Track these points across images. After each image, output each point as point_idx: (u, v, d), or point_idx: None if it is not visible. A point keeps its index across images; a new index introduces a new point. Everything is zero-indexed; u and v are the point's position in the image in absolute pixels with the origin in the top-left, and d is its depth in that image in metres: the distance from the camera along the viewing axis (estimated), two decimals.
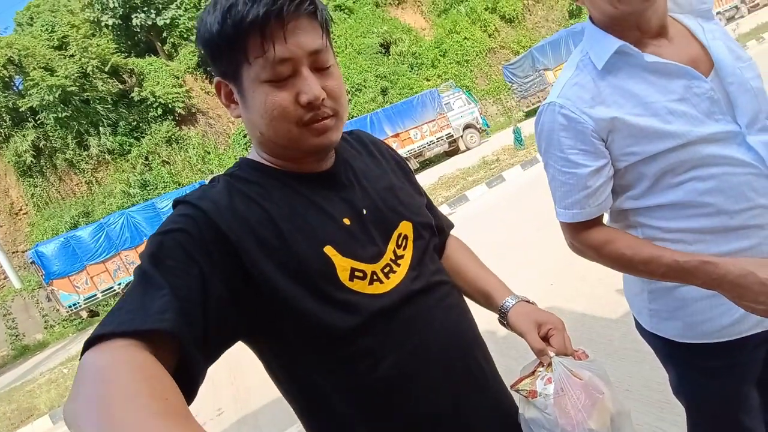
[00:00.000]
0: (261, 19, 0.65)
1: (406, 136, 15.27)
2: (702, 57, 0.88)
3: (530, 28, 23.58)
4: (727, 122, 0.85)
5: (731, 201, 0.85)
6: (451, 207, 7.87)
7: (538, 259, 4.09)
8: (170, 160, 18.65)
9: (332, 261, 0.71)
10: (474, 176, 9.24)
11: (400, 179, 0.89)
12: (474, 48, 22.21)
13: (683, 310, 0.95)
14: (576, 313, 2.99)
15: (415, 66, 22.21)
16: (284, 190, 0.74)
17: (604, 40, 0.88)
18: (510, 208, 6.40)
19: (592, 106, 0.88)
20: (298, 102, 0.69)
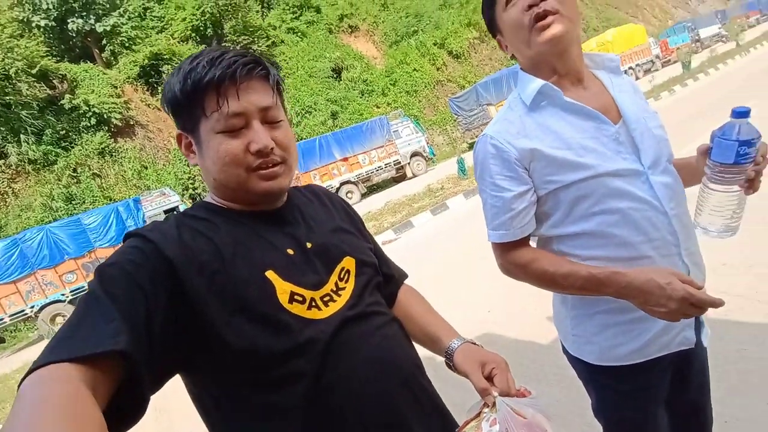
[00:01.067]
0: (217, 80, 0.75)
1: (355, 161, 15.39)
2: (612, 106, 1.00)
3: (475, 64, 24.91)
4: (632, 161, 0.96)
5: (635, 234, 0.95)
6: (396, 233, 7.96)
7: (477, 286, 4.21)
8: (102, 174, 17.43)
9: (273, 284, 0.75)
10: (419, 203, 9.43)
11: (347, 225, 0.95)
12: (423, 79, 23.06)
13: (600, 335, 1.02)
14: (509, 340, 3.09)
15: (366, 93, 22.64)
16: (231, 224, 0.80)
17: (529, 81, 1.01)
18: (453, 236, 6.57)
19: (517, 138, 0.98)
20: (249, 150, 0.77)
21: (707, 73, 14.67)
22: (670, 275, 0.86)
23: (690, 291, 0.83)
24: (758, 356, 2.09)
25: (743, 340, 2.23)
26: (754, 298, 2.51)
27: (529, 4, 0.92)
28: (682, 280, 0.85)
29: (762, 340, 2.18)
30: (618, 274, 0.90)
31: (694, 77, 14.34)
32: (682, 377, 1.08)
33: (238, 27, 21.02)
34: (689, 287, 0.84)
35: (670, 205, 0.96)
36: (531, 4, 0.92)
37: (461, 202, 8.53)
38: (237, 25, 20.97)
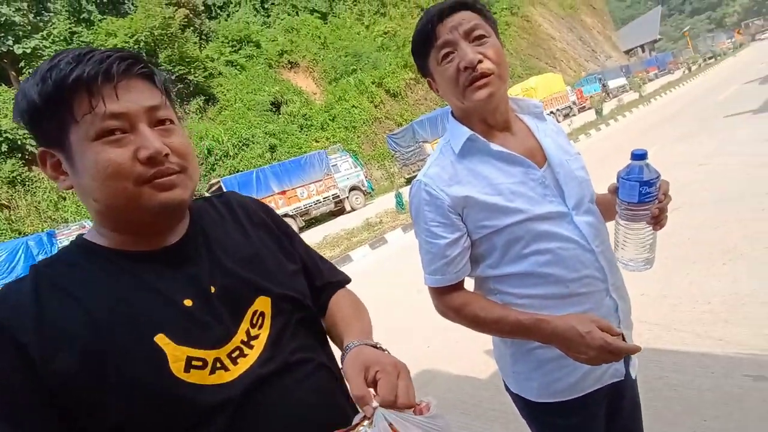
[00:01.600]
0: (87, 77, 0.61)
1: (293, 194, 15.14)
2: (538, 150, 1.05)
3: (411, 103, 25.92)
4: (558, 204, 1.00)
5: (566, 272, 0.98)
6: None
7: (416, 321, 4.17)
8: (11, 205, 15.72)
9: (163, 351, 0.61)
10: (358, 237, 9.39)
11: (268, 246, 0.82)
12: (361, 116, 23.56)
13: (538, 371, 1.04)
14: (450, 375, 3.06)
15: (305, 127, 22.67)
16: (111, 274, 0.65)
17: (458, 129, 1.03)
18: (391, 270, 6.56)
19: (450, 185, 1.00)
20: (138, 159, 0.62)
21: (617, 119, 16.31)
22: (590, 323, 0.88)
23: (607, 340, 0.86)
24: (679, 383, 2.21)
25: (664, 367, 2.36)
26: (671, 327, 2.69)
27: (466, 66, 0.94)
28: (601, 327, 0.88)
29: (681, 368, 2.32)
30: (543, 321, 0.93)
31: (606, 122, 15.87)
32: (616, 408, 1.11)
33: (174, 57, 20.42)
34: (607, 336, 0.86)
35: (595, 243, 1.01)
36: (468, 66, 0.94)
37: (399, 236, 8.60)
38: (173, 55, 20.36)
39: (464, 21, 0.96)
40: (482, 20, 0.99)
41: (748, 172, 5.01)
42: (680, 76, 30.27)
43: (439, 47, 0.97)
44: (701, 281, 3.09)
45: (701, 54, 41.74)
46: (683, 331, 2.61)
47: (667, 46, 78.13)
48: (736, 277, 2.97)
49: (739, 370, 2.14)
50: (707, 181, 5.18)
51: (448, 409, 2.67)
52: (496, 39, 0.99)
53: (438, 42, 0.97)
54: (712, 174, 5.43)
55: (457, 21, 0.96)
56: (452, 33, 0.96)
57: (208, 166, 19.58)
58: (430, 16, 0.98)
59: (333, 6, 29.17)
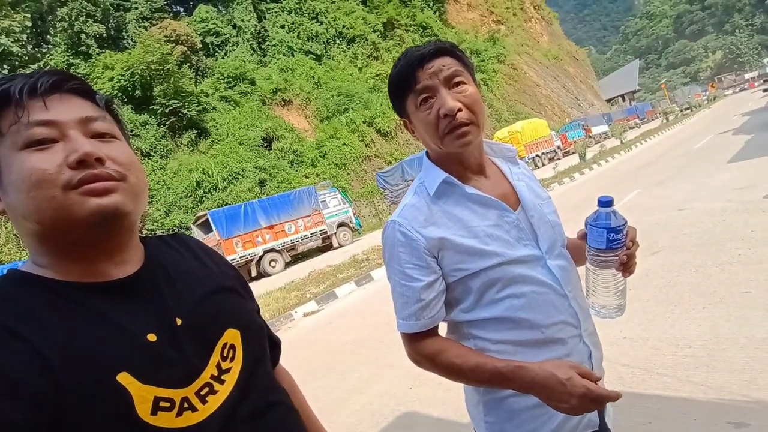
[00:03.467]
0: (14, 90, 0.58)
1: (281, 228, 15.08)
2: (511, 193, 1.05)
3: (402, 143, 26.47)
4: (532, 247, 0.99)
5: (541, 317, 0.96)
6: (319, 304, 7.69)
7: (400, 360, 4.08)
8: None
9: (128, 392, 0.55)
10: (344, 273, 9.30)
11: (230, 282, 0.79)
12: (352, 154, 23.92)
13: (512, 422, 0.99)
14: (431, 418, 2.97)
15: (296, 163, 22.90)
16: (60, 308, 0.58)
17: (433, 171, 1.02)
18: (377, 308, 6.47)
19: (425, 226, 0.98)
20: (67, 164, 0.58)
21: (600, 164, 16.81)
22: (570, 369, 0.86)
23: (589, 387, 0.83)
24: (662, 429, 2.18)
25: (647, 413, 2.33)
26: (653, 371, 2.68)
27: (446, 113, 0.94)
28: (581, 374, 0.85)
29: (664, 414, 2.29)
30: (522, 369, 0.89)
31: (589, 167, 16.33)
32: None
33: (169, 91, 20.76)
34: (589, 383, 0.84)
35: (568, 287, 1.00)
36: (447, 114, 0.94)
37: (385, 275, 8.54)
38: (168, 89, 20.70)
39: (444, 67, 0.96)
40: (461, 66, 0.99)
41: (724, 218, 5.16)
42: (659, 125, 31.55)
43: (418, 92, 0.97)
44: (682, 325, 3.10)
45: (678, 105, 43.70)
46: (666, 375, 2.59)
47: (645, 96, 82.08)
48: (716, 321, 2.99)
49: (721, 417, 2.13)
50: (686, 226, 5.30)
51: None
52: (473, 85, 1.00)
53: (417, 87, 0.97)
54: (690, 219, 5.57)
55: (437, 67, 0.96)
56: (432, 79, 0.96)
57: (196, 199, 19.52)
58: (411, 61, 0.97)
59: (328, 49, 30.20)
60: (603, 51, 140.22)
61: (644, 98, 75.81)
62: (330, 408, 3.64)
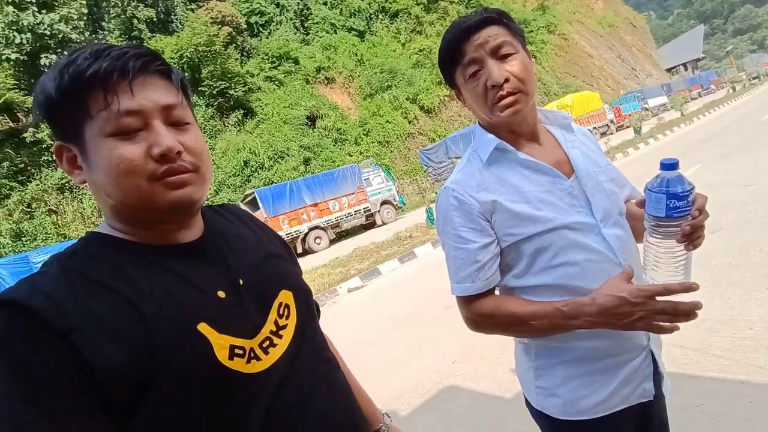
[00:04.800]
0: (102, 74, 0.61)
1: (325, 206, 15.39)
2: (565, 161, 1.04)
3: (445, 120, 26.00)
4: (586, 215, 0.98)
5: (595, 285, 0.93)
6: (363, 280, 7.86)
7: (442, 336, 4.14)
8: (59, 210, 16.67)
9: (207, 339, 0.62)
10: (387, 251, 9.42)
11: (278, 248, 0.86)
12: (395, 131, 23.78)
13: (563, 387, 1.00)
14: (474, 393, 3.02)
15: (339, 141, 23.07)
16: (141, 266, 0.65)
17: (486, 138, 1.03)
18: (419, 285, 6.54)
19: (478, 191, 0.99)
20: (150, 156, 0.63)
21: (656, 138, 15.81)
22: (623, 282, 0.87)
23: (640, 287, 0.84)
24: (716, 411, 2.11)
25: (701, 394, 2.26)
26: (709, 352, 2.57)
27: (493, 84, 0.94)
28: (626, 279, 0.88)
29: (719, 395, 2.22)
30: (583, 302, 0.89)
31: (645, 141, 15.41)
32: (643, 430, 1.06)
33: (216, 72, 21.32)
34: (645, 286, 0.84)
35: (624, 256, 0.97)
36: (495, 85, 0.94)
37: (429, 251, 8.58)
38: (215, 71, 21.26)
39: (491, 38, 0.95)
40: (509, 35, 0.97)
41: None
42: (724, 96, 29.11)
43: (466, 65, 0.98)
44: (742, 306, 2.94)
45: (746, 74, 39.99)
46: (723, 357, 2.49)
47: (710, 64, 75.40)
48: None
49: None
50: (751, 203, 4.94)
51: (472, 427, 2.63)
52: (523, 53, 0.99)
53: (464, 60, 0.97)
54: (756, 195, 5.19)
55: (483, 38, 0.95)
56: (478, 51, 0.95)
57: (243, 178, 20.18)
58: (457, 32, 0.98)
59: (370, 24, 29.81)
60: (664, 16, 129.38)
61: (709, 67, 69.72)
62: (374, 379, 3.77)
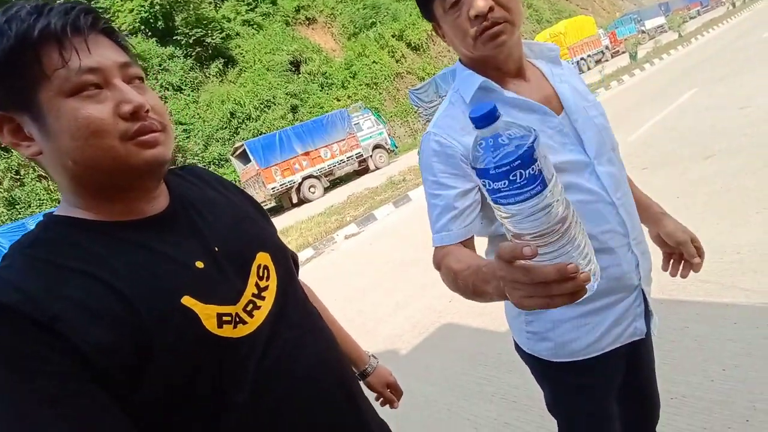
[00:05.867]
0: (55, 29, 0.56)
1: (317, 155, 15.20)
2: (554, 96, 0.98)
3: (434, 56, 25.05)
4: (578, 152, 0.94)
5: (592, 224, 0.92)
6: (359, 226, 7.92)
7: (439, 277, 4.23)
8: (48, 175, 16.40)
9: (194, 311, 0.62)
10: (381, 196, 9.42)
11: (249, 209, 0.85)
12: (382, 72, 22.98)
13: (554, 331, 1.00)
14: (470, 329, 3.13)
15: (326, 86, 22.36)
16: (111, 245, 0.61)
17: (469, 77, 0.96)
18: (415, 228, 6.59)
19: (462, 134, 0.92)
20: (119, 114, 0.59)
21: (652, 63, 15.34)
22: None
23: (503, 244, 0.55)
24: (701, 333, 2.20)
25: (686, 318, 2.34)
26: (696, 278, 2.64)
27: (476, 14, 0.86)
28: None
29: (703, 318, 2.30)
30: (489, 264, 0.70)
31: (640, 67, 14.96)
32: (633, 367, 1.09)
33: (191, 19, 20.21)
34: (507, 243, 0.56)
35: (617, 195, 0.95)
36: (478, 15, 0.86)
37: (423, 194, 8.57)
38: (189, 18, 20.15)
39: None
40: None
41: None
42: (724, 13, 27.93)
43: None
44: (732, 231, 2.99)
45: None
46: (709, 282, 2.56)
47: None
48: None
49: (763, 321, 2.11)
50: (747, 126, 4.88)
51: (469, 361, 2.75)
52: None
53: None
54: (752, 118, 5.11)
55: None
56: None
57: (231, 130, 19.75)
58: None
59: None
60: None
61: None
62: (375, 322, 3.90)
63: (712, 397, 1.83)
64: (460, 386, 2.57)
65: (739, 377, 1.86)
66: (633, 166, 5.09)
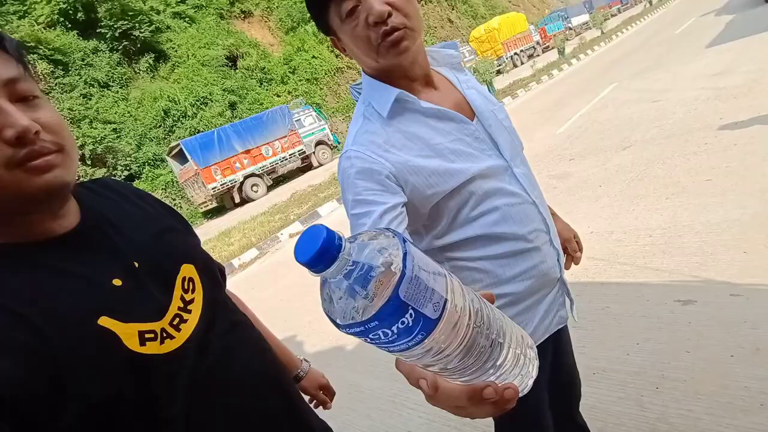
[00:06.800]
0: None
1: (258, 153, 14.78)
2: (464, 103, 0.98)
3: None
4: (497, 157, 0.94)
5: (521, 225, 0.93)
6: (303, 224, 7.82)
7: None
8: None
9: (113, 331, 0.59)
10: (325, 192, 9.34)
11: (169, 220, 0.81)
12: (322, 67, 22.70)
13: None
14: None
15: (265, 81, 21.74)
16: (15, 269, 0.58)
17: (382, 89, 0.91)
18: None
19: (386, 150, 0.88)
20: (4, 140, 0.55)
21: (579, 58, 16.30)
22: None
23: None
24: (619, 312, 2.40)
25: (606, 299, 2.54)
26: (614, 261, 2.87)
27: (375, 21, 0.82)
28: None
29: (621, 298, 2.50)
30: None
31: (568, 62, 15.85)
32: (558, 352, 1.14)
33: (115, 11, 18.82)
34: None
35: (534, 193, 0.98)
36: (377, 22, 0.82)
37: None
38: (113, 9, 18.77)
39: None
40: None
41: (696, 107, 5.18)
42: (641, 10, 30.16)
43: (339, 1, 0.84)
44: (645, 216, 3.27)
45: None
46: (626, 264, 2.79)
47: None
48: (676, 210, 3.15)
49: (671, 296, 2.33)
50: (658, 118, 5.33)
51: None
52: None
53: None
54: (663, 110, 5.59)
55: None
56: None
57: (166, 129, 18.74)
58: None
59: None
60: None
61: None
62: (320, 319, 3.89)
63: (628, 369, 2.00)
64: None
65: (650, 349, 2.05)
66: (561, 157, 5.41)
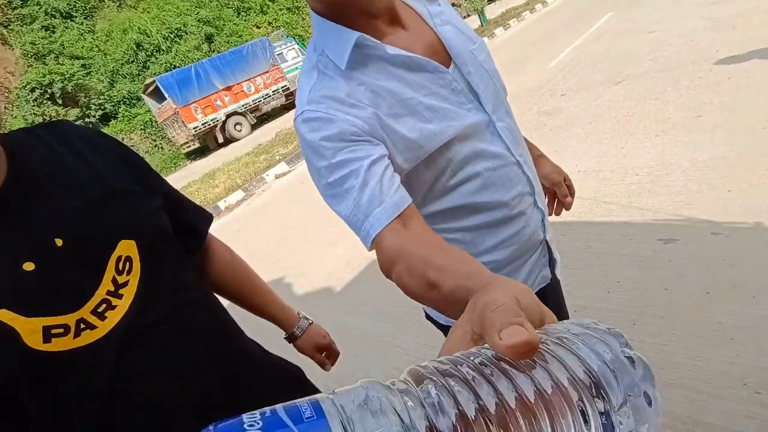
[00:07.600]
0: None
1: (239, 89, 14.19)
2: (437, 44, 0.80)
3: None
4: (477, 110, 0.80)
5: (503, 191, 0.84)
6: (289, 164, 7.68)
7: None
8: None
9: (12, 327, 0.52)
10: None
11: (121, 179, 0.68)
12: None
13: None
14: None
15: (242, 11, 20.40)
16: None
17: (337, 34, 0.73)
18: None
19: (352, 104, 0.71)
20: None
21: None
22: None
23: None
24: (602, 251, 2.43)
25: (590, 238, 2.56)
26: (600, 200, 2.87)
27: None
28: None
29: (605, 237, 2.53)
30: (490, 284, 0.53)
31: None
32: None
33: None
34: None
35: (518, 151, 0.85)
36: None
37: None
38: None
39: None
40: None
41: (692, 39, 4.99)
42: None
43: None
44: (634, 154, 3.23)
45: None
46: (612, 203, 2.79)
47: None
48: (665, 148, 3.12)
49: (653, 235, 2.36)
50: (653, 51, 5.14)
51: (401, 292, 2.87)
52: None
53: None
54: (658, 42, 5.38)
55: None
56: None
57: (139, 64, 17.76)
58: None
59: None
60: None
61: None
62: (308, 261, 3.93)
63: (609, 306, 2.06)
64: (391, 317, 2.70)
65: (629, 287, 2.11)
66: (552, 92, 5.26)
